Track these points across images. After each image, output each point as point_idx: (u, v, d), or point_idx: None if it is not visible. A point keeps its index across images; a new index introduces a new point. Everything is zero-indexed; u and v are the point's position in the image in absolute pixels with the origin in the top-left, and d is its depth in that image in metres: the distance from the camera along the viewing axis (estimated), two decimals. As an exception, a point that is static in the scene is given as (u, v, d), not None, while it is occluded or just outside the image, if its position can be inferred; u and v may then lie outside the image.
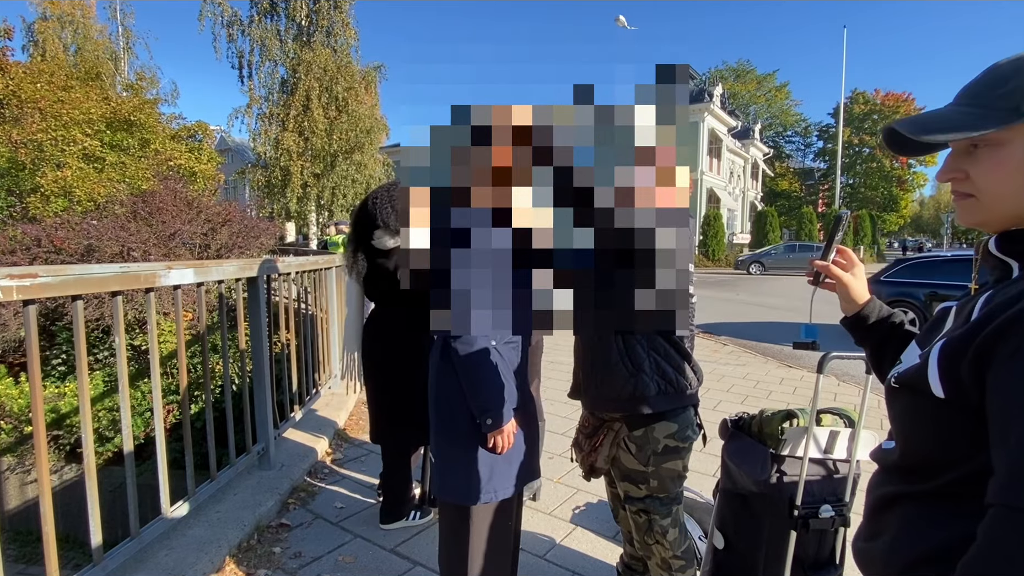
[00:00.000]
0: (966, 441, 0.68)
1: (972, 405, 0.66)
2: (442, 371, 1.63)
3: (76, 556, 3.86)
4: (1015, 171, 0.70)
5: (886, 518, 0.80)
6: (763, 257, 22.25)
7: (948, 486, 0.71)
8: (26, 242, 6.19)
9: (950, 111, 0.75)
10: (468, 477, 1.58)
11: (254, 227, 7.57)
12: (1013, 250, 0.72)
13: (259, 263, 2.83)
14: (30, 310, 1.56)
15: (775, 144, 47.11)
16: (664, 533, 1.79)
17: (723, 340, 7.74)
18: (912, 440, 0.78)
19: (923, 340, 0.84)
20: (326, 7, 19.37)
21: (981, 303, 0.71)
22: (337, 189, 19.61)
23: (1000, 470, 0.61)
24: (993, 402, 0.63)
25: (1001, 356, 0.62)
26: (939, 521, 0.72)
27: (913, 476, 0.77)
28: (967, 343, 0.66)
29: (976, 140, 0.72)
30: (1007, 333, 0.62)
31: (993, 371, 0.63)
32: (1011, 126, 0.69)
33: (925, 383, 0.71)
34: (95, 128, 9.80)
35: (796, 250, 21.94)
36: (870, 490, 0.87)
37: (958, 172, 0.76)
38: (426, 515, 2.58)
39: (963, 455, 0.69)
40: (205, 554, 2.13)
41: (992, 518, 0.59)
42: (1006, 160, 0.71)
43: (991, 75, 0.73)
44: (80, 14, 21.05)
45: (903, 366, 0.81)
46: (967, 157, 0.75)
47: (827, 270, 1.05)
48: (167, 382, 5.41)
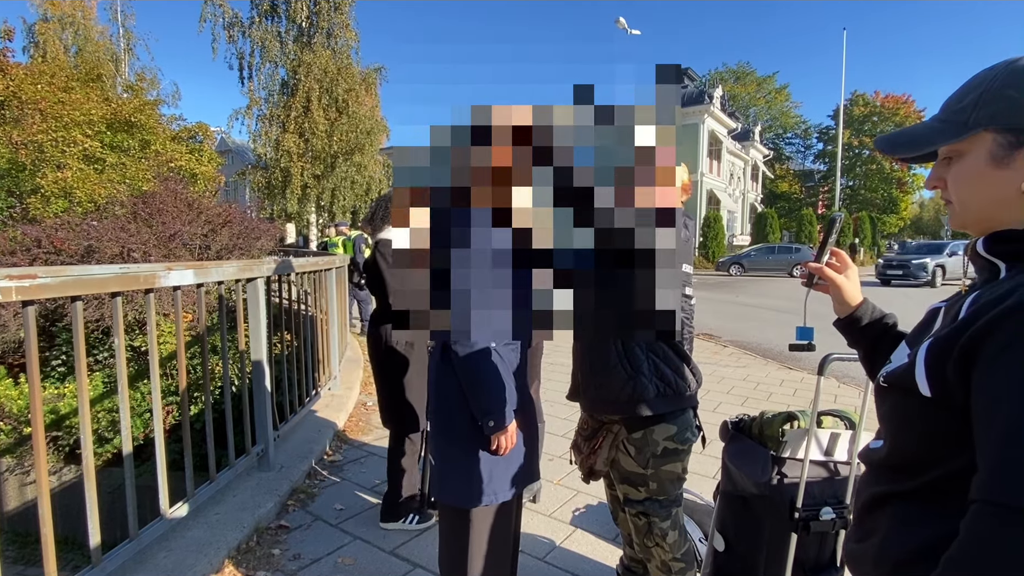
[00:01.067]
0: (952, 439, 0.68)
1: (958, 404, 0.67)
2: (442, 373, 1.63)
3: (75, 558, 3.85)
4: (975, 180, 0.74)
5: (875, 518, 0.80)
6: (743, 259, 22.84)
7: (935, 483, 0.72)
8: (26, 243, 6.18)
9: (923, 125, 0.81)
10: (468, 479, 1.58)
11: (254, 228, 7.56)
12: (999, 251, 0.73)
13: (259, 264, 2.83)
14: (29, 311, 1.56)
15: (775, 146, 47.18)
16: (664, 535, 1.79)
17: (723, 342, 7.73)
18: (899, 438, 0.79)
19: (912, 340, 0.85)
20: (326, 9, 19.39)
21: (968, 303, 0.72)
22: (337, 191, 19.62)
23: (983, 467, 0.61)
24: (977, 401, 0.64)
25: (985, 355, 0.63)
26: (927, 519, 0.72)
27: (901, 475, 0.78)
28: (953, 342, 0.67)
29: (948, 151, 0.77)
30: (991, 332, 0.62)
31: (978, 370, 0.64)
32: (964, 139, 0.73)
33: (912, 382, 0.72)
34: (95, 129, 9.80)
35: (775, 252, 22.61)
36: (859, 491, 0.87)
37: (939, 181, 0.80)
38: (425, 520, 2.57)
39: (949, 453, 0.70)
40: (204, 556, 2.12)
41: (974, 514, 0.60)
42: (966, 170, 0.75)
43: (960, 88, 0.77)
44: (81, 15, 21.07)
45: (892, 365, 0.82)
46: (946, 167, 0.79)
47: (820, 272, 1.06)
48: (167, 383, 5.40)
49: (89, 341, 6.03)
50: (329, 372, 4.40)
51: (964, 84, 0.76)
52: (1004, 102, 0.70)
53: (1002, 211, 0.73)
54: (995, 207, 0.73)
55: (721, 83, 40.14)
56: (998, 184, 0.72)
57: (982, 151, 0.72)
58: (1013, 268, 0.71)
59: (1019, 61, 0.71)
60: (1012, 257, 0.72)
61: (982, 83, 0.73)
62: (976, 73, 0.76)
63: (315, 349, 4.03)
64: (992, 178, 0.72)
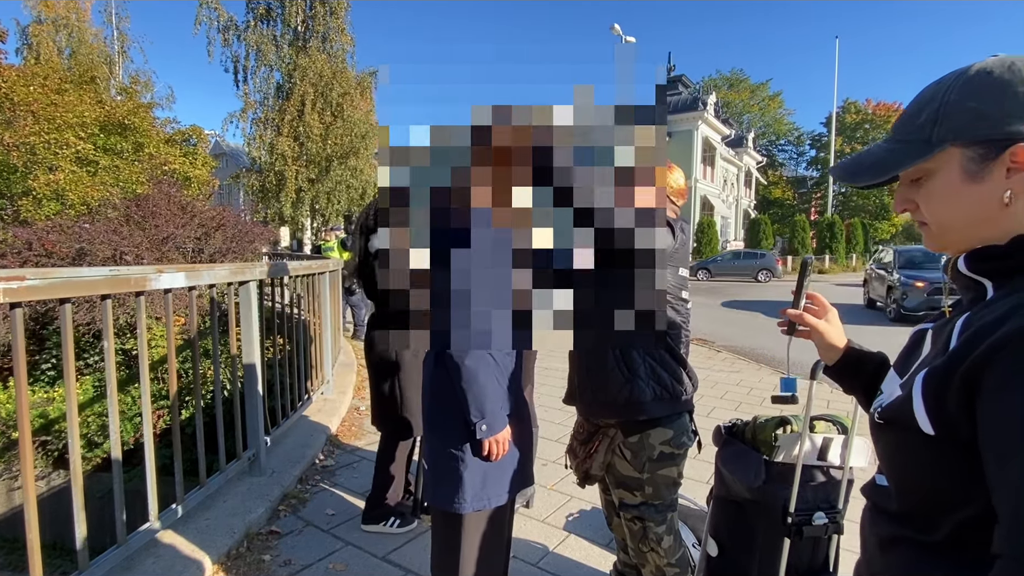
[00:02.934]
0: (963, 480, 0.63)
1: (964, 440, 0.62)
2: (436, 377, 1.62)
3: (64, 564, 3.81)
4: (951, 199, 0.70)
5: (887, 559, 0.75)
6: (709, 264, 23.55)
7: (952, 534, 0.66)
8: (17, 246, 6.12)
9: (879, 149, 0.76)
10: (461, 484, 1.57)
11: (248, 232, 7.53)
12: (984, 268, 0.69)
13: (251, 267, 2.82)
14: (17, 313, 1.54)
15: (768, 153, 47.56)
16: (659, 540, 1.78)
17: (717, 347, 7.75)
18: (905, 481, 0.74)
19: (901, 366, 0.79)
20: (322, 13, 19.42)
21: (959, 327, 0.67)
22: (332, 194, 19.59)
23: (1004, 516, 0.56)
24: (986, 437, 0.59)
25: (989, 388, 0.58)
26: (943, 569, 0.67)
27: (914, 522, 0.72)
28: (951, 374, 0.62)
29: (915, 172, 0.73)
30: (992, 362, 0.58)
31: (983, 401, 0.59)
32: (930, 157, 0.69)
33: (912, 418, 0.67)
34: (89, 132, 9.75)
35: (740, 257, 23.49)
36: (865, 526, 0.82)
37: (908, 203, 0.76)
38: (406, 524, 2.56)
39: (960, 496, 0.64)
40: (193, 562, 2.10)
41: (1000, 570, 0.55)
42: (940, 189, 0.71)
43: (912, 105, 0.74)
44: (75, 18, 21.02)
45: (885, 397, 0.77)
46: (915, 188, 0.75)
47: (800, 319, 1.02)
48: (157, 387, 5.36)
49: (80, 344, 5.98)
50: (322, 376, 4.37)
51: (914, 101, 0.73)
52: (966, 115, 0.66)
53: (984, 227, 0.69)
54: (977, 224, 0.69)
55: (715, 90, 40.47)
56: (977, 200, 0.68)
57: (953, 168, 0.68)
58: (1001, 287, 0.67)
59: (970, 70, 0.68)
60: (998, 275, 0.67)
61: (935, 97, 0.69)
62: (924, 88, 0.72)
63: (308, 353, 4.00)
64: (969, 194, 0.68)
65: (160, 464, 2.32)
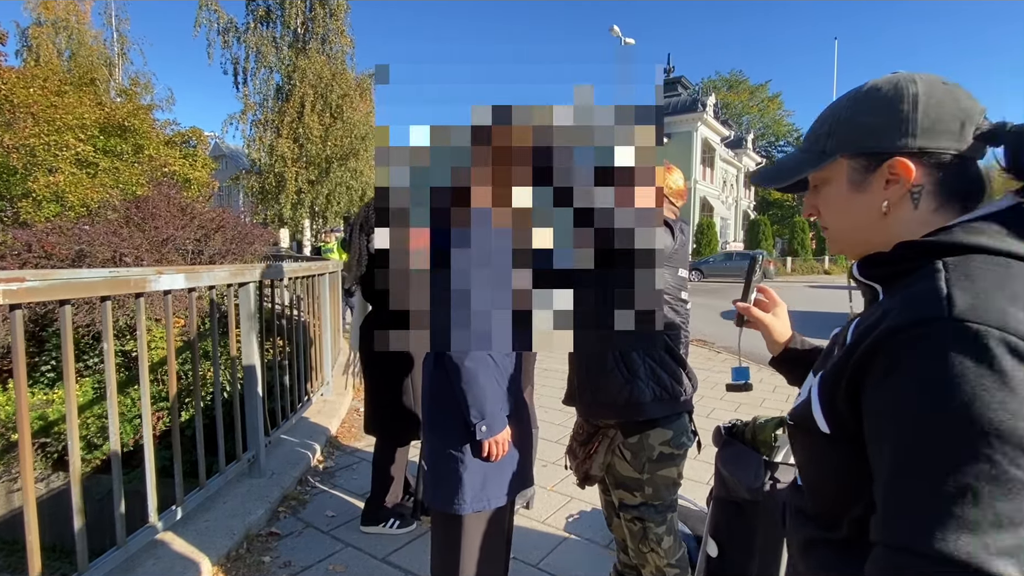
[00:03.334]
0: (859, 477, 0.65)
1: (854, 437, 0.64)
2: (436, 378, 1.62)
3: (63, 566, 3.80)
4: (840, 206, 0.75)
5: (808, 562, 0.77)
6: (702, 265, 23.47)
7: (853, 530, 0.69)
8: (16, 247, 6.12)
9: (789, 157, 0.81)
10: (460, 485, 1.56)
11: (248, 233, 7.52)
12: (873, 274, 0.72)
13: (251, 269, 2.82)
14: (16, 315, 1.54)
15: (768, 154, 47.52)
16: (659, 541, 1.78)
17: (716, 348, 7.75)
18: (811, 481, 0.77)
19: (818, 368, 0.80)
20: (322, 15, 19.43)
21: (852, 329, 0.70)
22: (332, 195, 19.58)
23: (879, 505, 0.58)
24: (867, 431, 0.61)
25: (869, 385, 0.61)
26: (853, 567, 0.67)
27: (821, 521, 0.75)
28: (840, 374, 0.65)
29: (814, 180, 0.78)
30: (871, 359, 0.60)
31: (864, 398, 0.62)
32: (822, 167, 0.74)
33: (812, 420, 0.69)
34: (88, 133, 9.74)
35: (733, 258, 23.40)
36: (789, 530, 0.84)
37: (812, 209, 0.81)
38: (406, 525, 2.55)
39: (857, 494, 0.66)
40: (192, 563, 2.10)
41: (874, 558, 0.57)
42: (831, 197, 0.76)
43: (818, 118, 0.78)
44: (75, 20, 21.01)
45: (797, 398, 0.78)
46: (817, 194, 0.80)
47: (748, 312, 1.07)
48: (157, 389, 5.35)
49: (79, 346, 5.97)
50: (322, 378, 4.37)
51: (821, 113, 0.77)
52: (852, 128, 0.71)
53: (868, 234, 0.73)
54: (862, 231, 0.74)
55: (714, 91, 40.50)
56: (860, 209, 0.72)
57: (842, 178, 0.73)
58: (889, 291, 0.70)
59: (864, 87, 0.72)
60: (885, 280, 0.70)
61: (834, 112, 0.74)
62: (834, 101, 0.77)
63: (307, 355, 4.00)
64: (854, 203, 0.73)
65: (160, 466, 2.31)
